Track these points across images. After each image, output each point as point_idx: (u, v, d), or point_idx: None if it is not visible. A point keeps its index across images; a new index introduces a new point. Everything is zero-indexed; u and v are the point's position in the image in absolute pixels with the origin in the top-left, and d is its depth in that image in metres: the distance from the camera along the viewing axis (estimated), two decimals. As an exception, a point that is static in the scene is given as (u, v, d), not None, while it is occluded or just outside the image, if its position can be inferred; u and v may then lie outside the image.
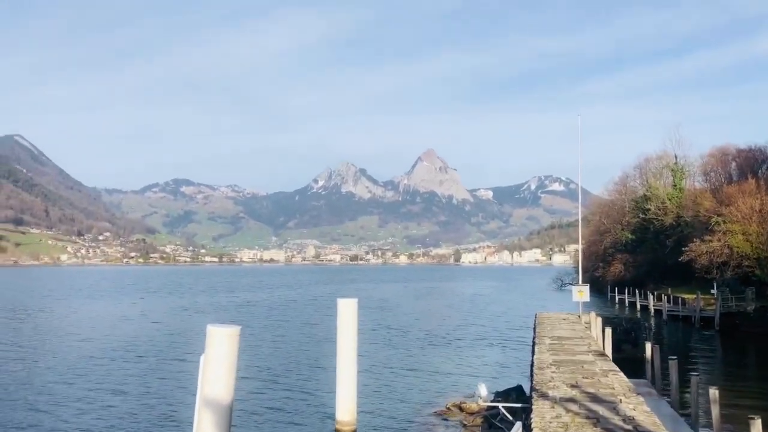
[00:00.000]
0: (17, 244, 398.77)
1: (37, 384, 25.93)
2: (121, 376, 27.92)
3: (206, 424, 7.78)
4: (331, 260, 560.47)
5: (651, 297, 59.24)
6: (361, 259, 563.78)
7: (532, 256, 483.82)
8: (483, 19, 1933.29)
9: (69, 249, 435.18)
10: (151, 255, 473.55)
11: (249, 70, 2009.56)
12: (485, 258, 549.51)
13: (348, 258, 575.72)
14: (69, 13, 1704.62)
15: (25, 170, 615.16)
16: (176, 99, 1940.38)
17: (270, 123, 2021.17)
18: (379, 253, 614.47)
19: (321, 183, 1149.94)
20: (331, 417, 17.64)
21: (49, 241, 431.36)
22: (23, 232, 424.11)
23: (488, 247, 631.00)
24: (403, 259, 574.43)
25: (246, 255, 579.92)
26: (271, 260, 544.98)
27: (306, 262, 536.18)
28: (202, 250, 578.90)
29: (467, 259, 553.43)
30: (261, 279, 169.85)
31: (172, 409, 21.82)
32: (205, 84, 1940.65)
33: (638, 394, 12.00)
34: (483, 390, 19.95)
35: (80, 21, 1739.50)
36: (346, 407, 16.38)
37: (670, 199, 73.76)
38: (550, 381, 12.86)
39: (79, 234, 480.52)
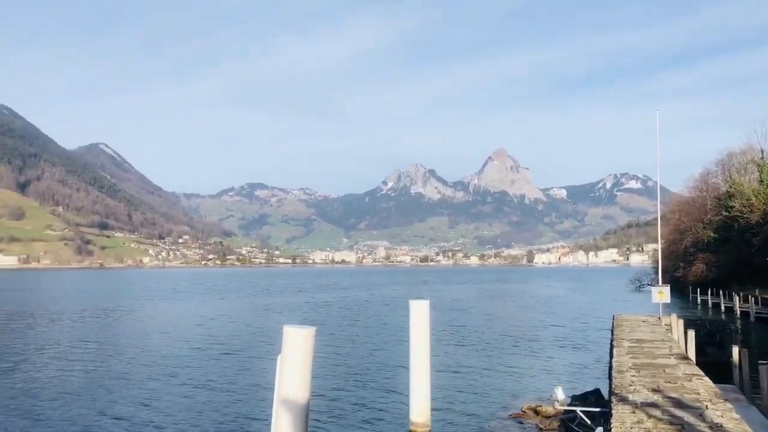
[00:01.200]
0: (103, 248, 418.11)
1: (126, 379, 27.18)
2: (202, 374, 28.89)
3: (283, 422, 7.93)
4: (402, 261, 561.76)
5: (737, 298, 56.59)
6: (431, 261, 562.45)
7: (608, 256, 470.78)
8: (555, 15, 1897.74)
9: (151, 252, 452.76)
10: (228, 257, 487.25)
11: (319, 75, 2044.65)
12: (559, 258, 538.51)
13: (418, 259, 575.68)
14: (149, 25, 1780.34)
15: (109, 176, 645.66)
16: (250, 105, 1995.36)
17: (340, 126, 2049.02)
18: (450, 254, 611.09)
19: (390, 185, 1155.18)
20: (405, 418, 17.71)
21: (132, 245, 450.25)
22: (108, 236, 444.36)
23: (562, 247, 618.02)
24: (474, 260, 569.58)
25: (318, 256, 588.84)
26: (343, 261, 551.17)
27: (376, 264, 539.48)
28: (276, 252, 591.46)
29: (540, 259, 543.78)
30: (333, 280, 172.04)
31: (250, 407, 22.42)
32: (277, 90, 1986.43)
33: (726, 400, 11.52)
34: (560, 393, 19.55)
35: (160, 32, 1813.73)
36: (419, 408, 16.41)
37: (756, 196, 70.07)
38: (630, 385, 12.52)
39: (160, 237, 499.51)
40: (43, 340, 40.92)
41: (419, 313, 17.14)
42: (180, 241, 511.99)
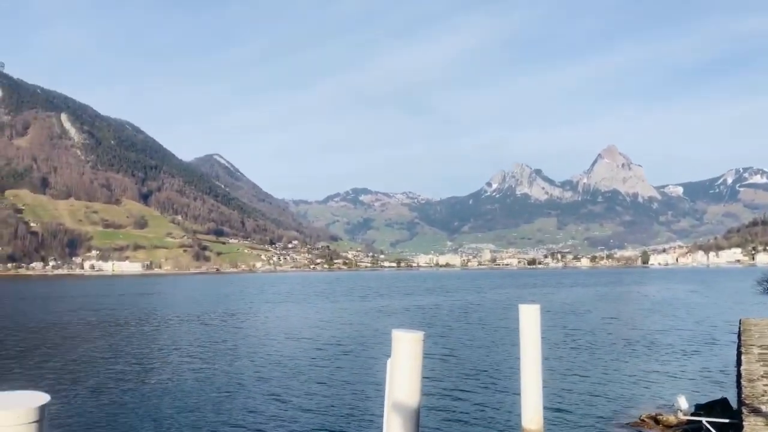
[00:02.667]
0: (218, 253, 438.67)
1: (247, 379, 28.46)
2: (314, 376, 29.72)
3: (394, 426, 7.99)
4: (508, 264, 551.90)
5: None
6: (539, 263, 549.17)
7: (731, 256, 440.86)
8: (665, 4, 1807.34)
9: (263, 257, 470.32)
10: (335, 261, 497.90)
11: (422, 78, 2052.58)
12: (677, 259, 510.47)
13: (525, 262, 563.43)
14: (260, 39, 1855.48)
15: (223, 185, 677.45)
16: (355, 112, 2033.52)
17: (442, 129, 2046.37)
18: (559, 256, 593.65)
19: (495, 186, 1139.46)
20: (517, 423, 17.40)
21: (246, 250, 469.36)
22: (223, 242, 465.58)
23: (680, 247, 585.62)
24: (584, 262, 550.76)
25: (422, 260, 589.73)
26: (447, 265, 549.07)
27: (482, 267, 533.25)
28: (381, 256, 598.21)
29: (656, 260, 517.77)
30: (439, 283, 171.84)
31: (361, 410, 22.82)
32: (381, 95, 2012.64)
33: None
34: (683, 402, 18.53)
35: (269, 45, 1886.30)
36: (531, 414, 16.04)
37: None
38: (762, 395, 11.69)
39: (271, 243, 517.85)
40: (174, 342, 43.53)
41: (529, 318, 16.70)
42: (290, 246, 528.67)
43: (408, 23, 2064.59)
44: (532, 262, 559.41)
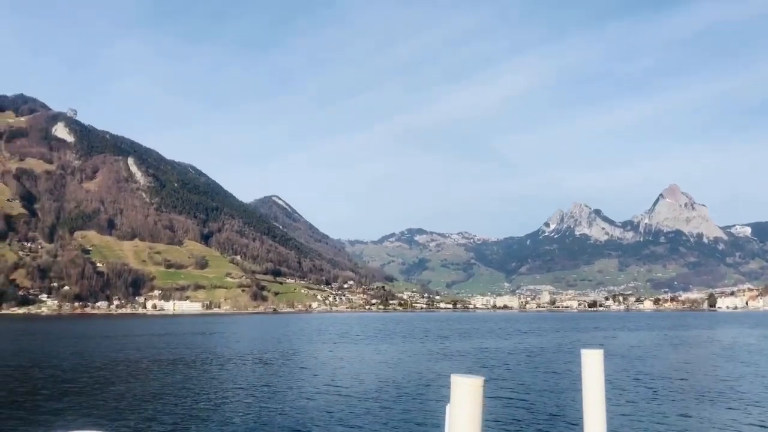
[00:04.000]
0: (276, 293, 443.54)
1: (301, 420, 28.46)
2: (372, 419, 29.45)
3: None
4: (568, 306, 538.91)
5: None
6: (600, 305, 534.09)
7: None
8: (727, 40, 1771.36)
9: (319, 297, 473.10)
10: (390, 302, 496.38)
11: (478, 119, 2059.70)
12: (746, 302, 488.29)
13: (586, 304, 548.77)
14: (318, 85, 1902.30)
15: (281, 226, 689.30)
16: (409, 153, 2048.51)
17: (499, 169, 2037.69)
18: (621, 298, 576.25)
19: (553, 226, 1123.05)
20: (585, 475, 16.75)
21: (302, 290, 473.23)
22: (281, 282, 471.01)
23: (749, 290, 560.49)
24: (648, 305, 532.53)
25: (479, 301, 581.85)
26: (505, 306, 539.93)
27: (541, 309, 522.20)
28: (437, 297, 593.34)
29: (724, 303, 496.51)
30: (497, 325, 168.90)
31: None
32: (436, 137, 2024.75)
33: None
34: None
35: (325, 90, 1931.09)
36: (598, 466, 15.43)
37: None
38: None
39: (327, 283, 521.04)
40: (236, 382, 44.02)
41: (592, 364, 16.12)
42: (345, 286, 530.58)
43: (462, 66, 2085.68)
44: (592, 304, 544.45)
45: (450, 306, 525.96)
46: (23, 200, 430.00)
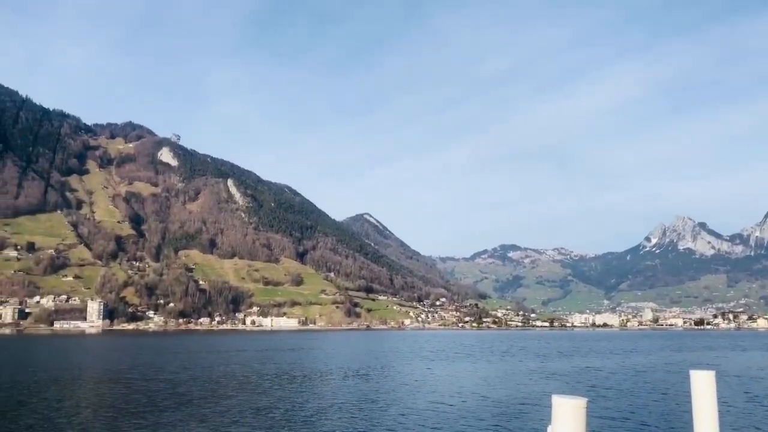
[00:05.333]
0: (369, 310, 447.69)
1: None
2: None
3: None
4: (672, 324, 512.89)
5: None
6: (708, 323, 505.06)
7: None
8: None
9: (411, 314, 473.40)
10: (484, 319, 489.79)
11: (569, 131, 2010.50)
12: None
13: (692, 322, 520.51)
14: (407, 102, 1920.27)
15: (372, 244, 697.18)
16: (500, 168, 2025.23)
17: (594, 182, 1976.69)
18: (731, 316, 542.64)
19: (654, 241, 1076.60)
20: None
21: (395, 307, 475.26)
22: (373, 299, 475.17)
23: None
24: (762, 323, 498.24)
25: (577, 319, 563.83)
26: (604, 324, 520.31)
27: (643, 327, 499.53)
28: (532, 315, 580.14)
29: None
30: (597, 344, 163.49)
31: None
32: (527, 150, 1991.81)
33: None
34: None
35: (415, 107, 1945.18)
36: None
37: None
38: None
39: (419, 300, 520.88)
40: (338, 396, 45.21)
41: (703, 385, 15.62)
42: (437, 303, 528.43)
43: (554, 77, 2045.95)
44: (699, 322, 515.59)
45: (546, 324, 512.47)
46: (132, 222, 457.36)
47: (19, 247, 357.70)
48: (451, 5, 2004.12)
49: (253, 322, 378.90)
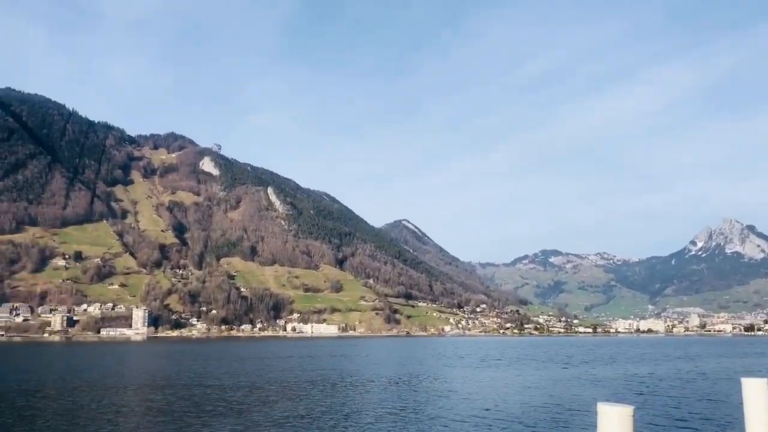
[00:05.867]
0: (408, 317, 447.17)
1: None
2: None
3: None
4: (721, 330, 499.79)
5: None
6: (759, 329, 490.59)
7: None
8: None
9: (451, 320, 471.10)
10: (525, 326, 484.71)
11: (611, 133, 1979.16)
12: None
13: (741, 328, 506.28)
14: (446, 108, 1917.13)
15: (411, 250, 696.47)
16: (539, 171, 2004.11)
17: (636, 185, 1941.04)
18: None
19: (700, 244, 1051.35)
20: None
21: (434, 314, 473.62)
22: (413, 306, 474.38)
23: None
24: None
25: (621, 325, 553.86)
26: (649, 330, 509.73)
27: (689, 333, 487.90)
28: (575, 321, 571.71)
29: None
30: (642, 350, 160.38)
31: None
32: (567, 153, 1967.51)
33: None
34: None
35: (454, 112, 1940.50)
36: None
37: None
38: None
39: (459, 306, 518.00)
40: (384, 404, 45.42)
41: (756, 394, 15.28)
42: (478, 309, 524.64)
43: (594, 80, 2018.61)
44: (749, 328, 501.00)
45: (589, 330, 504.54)
46: (175, 230, 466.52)
47: (67, 256, 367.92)
48: (489, 7, 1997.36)
49: (293, 329, 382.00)
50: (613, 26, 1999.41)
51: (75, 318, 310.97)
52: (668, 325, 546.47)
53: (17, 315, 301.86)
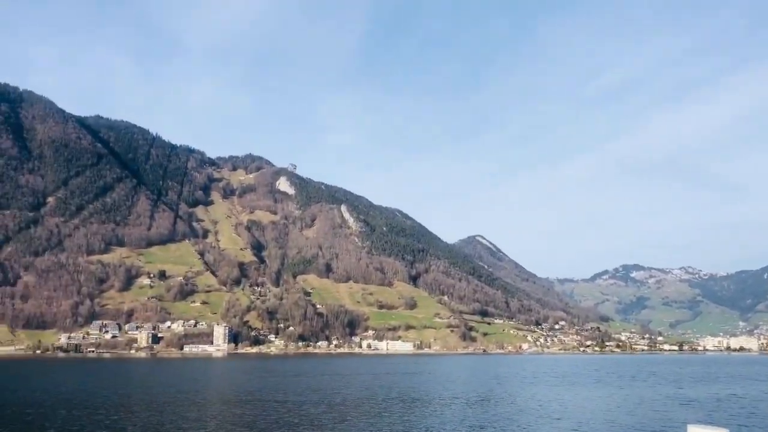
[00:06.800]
0: (484, 334, 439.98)
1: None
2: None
3: None
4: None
5: None
6: None
7: None
8: None
9: (529, 338, 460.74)
10: (607, 343, 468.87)
11: (694, 143, 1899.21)
12: None
13: None
14: (519, 121, 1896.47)
15: (486, 266, 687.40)
16: (619, 184, 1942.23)
17: (721, 195, 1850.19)
18: None
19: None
20: None
21: (511, 331, 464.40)
22: (488, 323, 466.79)
23: None
24: None
25: (709, 342, 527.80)
26: (741, 348, 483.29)
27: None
28: (659, 338, 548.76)
29: None
30: (734, 369, 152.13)
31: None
32: (647, 164, 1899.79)
33: None
34: None
35: (528, 126, 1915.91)
36: None
37: None
38: None
39: (537, 323, 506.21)
40: (470, 422, 44.77)
41: None
42: (556, 327, 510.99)
43: (673, 88, 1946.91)
44: None
45: (675, 348, 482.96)
46: (253, 249, 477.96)
47: (151, 275, 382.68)
48: (561, 20, 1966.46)
49: (369, 346, 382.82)
50: (690, 35, 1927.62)
51: (159, 335, 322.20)
52: (762, 343, 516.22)
53: (106, 332, 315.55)
